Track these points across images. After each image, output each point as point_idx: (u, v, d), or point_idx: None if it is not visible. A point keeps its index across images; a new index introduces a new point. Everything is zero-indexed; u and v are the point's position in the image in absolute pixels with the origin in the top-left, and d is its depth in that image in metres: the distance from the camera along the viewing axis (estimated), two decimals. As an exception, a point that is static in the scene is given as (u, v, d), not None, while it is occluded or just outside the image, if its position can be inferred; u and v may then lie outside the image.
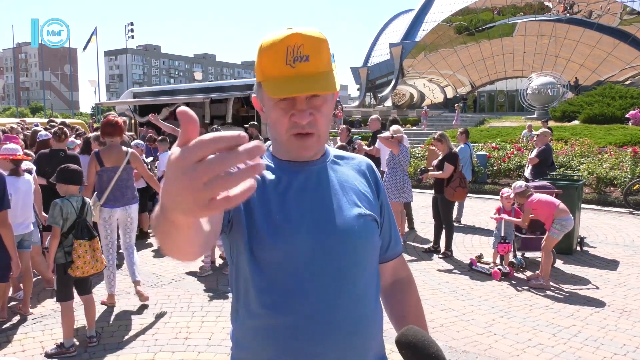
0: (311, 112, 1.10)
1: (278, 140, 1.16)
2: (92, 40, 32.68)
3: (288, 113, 1.10)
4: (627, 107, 21.93)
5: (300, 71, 1.06)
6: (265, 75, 1.10)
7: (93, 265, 3.66)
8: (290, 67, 1.06)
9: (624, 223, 8.54)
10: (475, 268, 5.81)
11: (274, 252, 1.10)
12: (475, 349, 3.83)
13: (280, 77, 1.06)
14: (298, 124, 1.09)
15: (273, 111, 1.11)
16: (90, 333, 3.83)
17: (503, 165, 12.17)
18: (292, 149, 1.14)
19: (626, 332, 4.15)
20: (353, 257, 1.15)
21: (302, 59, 1.06)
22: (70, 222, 3.63)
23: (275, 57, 1.06)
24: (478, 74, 40.09)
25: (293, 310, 1.10)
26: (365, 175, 1.28)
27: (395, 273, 1.37)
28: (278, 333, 1.11)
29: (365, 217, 1.19)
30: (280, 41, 1.06)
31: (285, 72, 1.06)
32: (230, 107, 11.27)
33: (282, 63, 1.06)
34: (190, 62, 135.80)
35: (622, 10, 33.83)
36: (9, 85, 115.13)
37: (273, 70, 1.07)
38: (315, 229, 1.12)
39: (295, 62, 1.06)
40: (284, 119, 1.10)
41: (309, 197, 1.15)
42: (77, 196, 3.76)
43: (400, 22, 47.66)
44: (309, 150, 1.14)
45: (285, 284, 1.11)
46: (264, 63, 1.09)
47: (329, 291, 1.11)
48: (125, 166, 4.53)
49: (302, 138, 1.11)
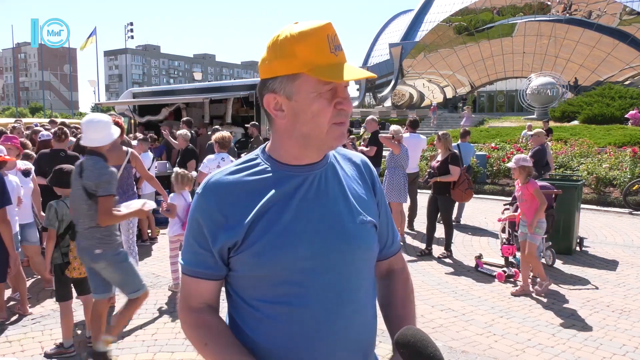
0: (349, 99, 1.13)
1: (314, 134, 1.10)
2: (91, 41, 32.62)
3: (332, 102, 1.09)
4: (626, 107, 21.94)
5: (342, 59, 1.09)
6: (310, 64, 1.06)
7: None
8: (334, 55, 1.08)
9: (624, 223, 8.54)
10: (481, 270, 5.80)
11: (275, 264, 1.08)
12: (475, 349, 3.83)
13: (330, 64, 1.07)
14: (344, 112, 1.11)
15: (316, 102, 1.08)
16: (90, 333, 3.82)
17: (502, 165, 12.17)
18: (330, 139, 1.12)
19: (625, 332, 4.15)
20: (354, 267, 1.14)
21: (339, 48, 1.10)
22: (66, 223, 3.63)
23: (320, 46, 1.06)
24: (478, 74, 40.09)
25: (294, 321, 1.09)
26: (361, 172, 1.27)
27: (390, 266, 1.35)
28: (279, 343, 1.10)
29: (366, 224, 1.17)
30: (319, 30, 1.07)
31: (331, 59, 1.07)
32: (230, 107, 11.28)
33: (327, 51, 1.07)
34: (190, 62, 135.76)
35: (622, 11, 33.84)
36: (8, 85, 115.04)
37: (319, 58, 1.06)
38: (316, 239, 1.10)
39: (336, 50, 1.08)
40: (329, 109, 1.09)
41: (311, 206, 1.13)
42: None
43: (400, 22, 47.67)
44: (344, 138, 1.14)
45: (286, 296, 1.09)
46: (306, 52, 1.06)
47: (332, 301, 1.10)
48: (125, 165, 4.59)
49: (341, 126, 1.12)
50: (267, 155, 1.17)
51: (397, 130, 7.05)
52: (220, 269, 1.13)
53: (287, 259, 1.08)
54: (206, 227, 1.11)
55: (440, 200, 6.47)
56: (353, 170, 1.26)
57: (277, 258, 1.08)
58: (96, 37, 32.91)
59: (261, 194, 1.11)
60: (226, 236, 1.09)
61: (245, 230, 1.09)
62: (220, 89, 12.08)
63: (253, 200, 1.11)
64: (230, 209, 1.10)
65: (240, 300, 1.15)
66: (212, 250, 1.11)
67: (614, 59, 33.78)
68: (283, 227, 1.09)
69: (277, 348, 1.10)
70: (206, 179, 1.16)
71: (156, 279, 5.47)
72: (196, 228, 1.13)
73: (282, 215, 1.10)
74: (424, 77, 41.78)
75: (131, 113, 13.10)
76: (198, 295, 1.14)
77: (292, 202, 1.12)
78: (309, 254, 1.09)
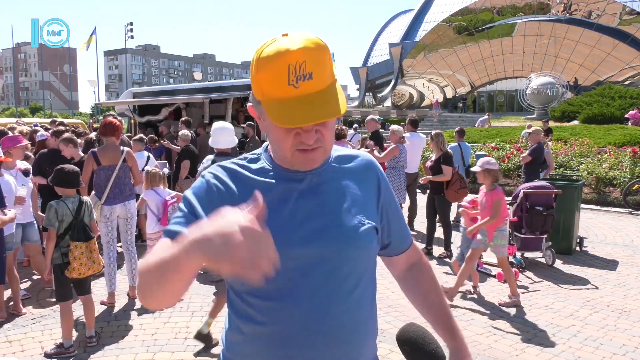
0: (317, 129, 1.05)
1: (280, 155, 1.11)
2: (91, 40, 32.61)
3: (292, 132, 1.04)
4: (626, 107, 21.95)
5: (305, 91, 0.99)
6: (265, 96, 1.03)
7: (90, 267, 3.65)
8: (293, 87, 0.98)
9: (624, 223, 8.54)
10: (481, 269, 5.80)
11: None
12: (475, 348, 3.83)
13: (283, 99, 0.99)
14: (304, 143, 1.05)
15: (275, 130, 1.06)
16: (90, 333, 3.82)
17: (502, 165, 12.17)
18: (297, 162, 1.09)
19: (625, 332, 4.15)
20: (349, 267, 1.14)
21: (306, 77, 0.98)
22: (66, 224, 3.64)
23: (276, 77, 0.99)
24: (477, 74, 40.12)
25: (285, 318, 1.09)
26: (365, 174, 1.25)
27: (409, 260, 1.37)
28: (270, 340, 1.10)
29: (364, 225, 1.16)
30: (279, 59, 0.98)
31: (288, 93, 0.99)
32: (230, 107, 11.26)
33: (284, 84, 0.98)
34: (190, 62, 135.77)
35: (622, 11, 33.85)
36: (8, 85, 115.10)
37: (274, 91, 1.00)
38: (312, 239, 1.10)
39: (298, 81, 0.98)
40: (288, 138, 1.05)
41: (307, 206, 1.13)
42: (74, 197, 3.75)
43: (399, 22, 47.68)
44: (316, 162, 1.10)
45: (278, 293, 1.09)
46: (263, 82, 1.02)
47: (323, 300, 1.10)
48: (121, 164, 4.65)
49: (307, 153, 1.07)
50: (267, 154, 1.19)
51: (399, 130, 7.08)
52: None
53: (280, 256, 1.07)
54: (201, 199, 1.10)
55: (437, 200, 6.46)
56: (356, 172, 1.24)
57: None
58: (96, 37, 32.89)
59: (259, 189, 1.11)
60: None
61: None
62: (220, 88, 12.07)
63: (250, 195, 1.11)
64: (229, 196, 1.11)
65: (235, 295, 1.16)
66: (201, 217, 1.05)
67: (613, 58, 33.80)
68: (278, 223, 1.09)
69: (267, 344, 1.11)
70: (213, 165, 1.19)
71: (156, 279, 5.46)
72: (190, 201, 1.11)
73: (278, 212, 1.10)
74: (424, 77, 41.82)
75: (131, 113, 13.09)
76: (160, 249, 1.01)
77: (289, 199, 1.12)
78: (303, 251, 1.09)
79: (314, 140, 1.05)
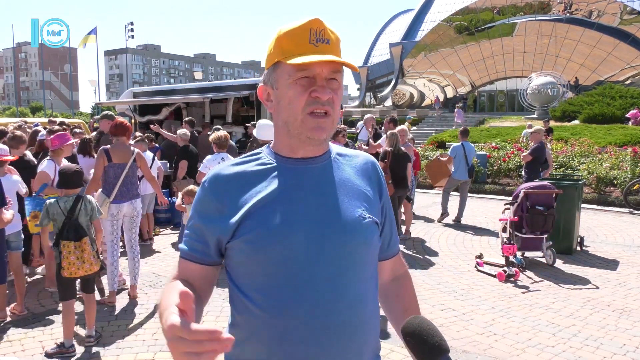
0: (330, 89, 1.11)
1: (291, 121, 1.13)
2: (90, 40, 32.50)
3: (307, 90, 1.09)
4: (627, 106, 21.91)
5: (322, 50, 1.09)
6: (286, 53, 1.09)
7: (79, 267, 3.60)
8: (313, 46, 1.09)
9: (624, 223, 8.54)
10: (482, 269, 5.80)
11: (270, 253, 1.09)
12: (475, 348, 3.83)
13: (304, 53, 1.07)
14: (318, 100, 1.09)
15: (291, 89, 1.10)
16: (89, 332, 3.82)
17: (503, 165, 12.18)
18: (306, 129, 1.11)
19: (626, 331, 4.15)
20: (351, 260, 1.14)
21: (324, 41, 1.10)
22: (60, 223, 3.66)
23: (299, 37, 1.09)
24: (478, 73, 40.07)
25: (287, 313, 1.09)
26: (367, 174, 1.26)
27: (394, 271, 1.37)
28: (271, 335, 1.10)
29: (366, 219, 1.17)
30: (302, 24, 1.10)
31: (309, 50, 1.08)
32: (230, 106, 11.27)
33: (305, 42, 1.09)
34: (190, 62, 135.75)
35: (622, 10, 33.81)
36: (9, 85, 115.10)
37: (296, 48, 1.09)
38: (314, 230, 1.10)
39: (318, 42, 1.09)
40: (303, 96, 1.09)
41: (309, 198, 1.13)
42: (69, 197, 3.76)
43: (400, 22, 47.64)
44: (324, 131, 1.12)
45: (280, 287, 1.09)
46: (285, 44, 1.10)
47: (325, 295, 1.10)
48: (131, 164, 4.76)
49: (318, 117, 1.10)
50: (269, 150, 1.22)
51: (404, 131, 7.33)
52: (205, 254, 1.17)
53: (281, 248, 1.09)
54: (202, 216, 1.16)
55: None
56: (359, 169, 1.25)
57: (271, 246, 1.08)
58: (96, 37, 32.82)
59: (259, 184, 1.14)
60: (222, 223, 1.12)
61: (242, 218, 1.11)
62: (221, 88, 12.08)
63: (251, 189, 1.14)
64: (227, 197, 1.14)
65: (237, 291, 1.16)
66: (205, 236, 1.16)
67: (614, 58, 33.76)
68: (279, 216, 1.10)
69: (269, 340, 1.11)
70: (210, 171, 1.22)
71: (157, 279, 5.47)
72: (194, 217, 1.19)
73: (279, 205, 1.11)
74: (425, 76, 41.78)
75: (132, 113, 13.09)
76: (182, 274, 1.20)
77: (290, 192, 1.13)
78: (305, 244, 1.09)
79: (327, 98, 1.10)
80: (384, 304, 1.35)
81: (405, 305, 1.32)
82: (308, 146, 1.16)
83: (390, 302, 1.35)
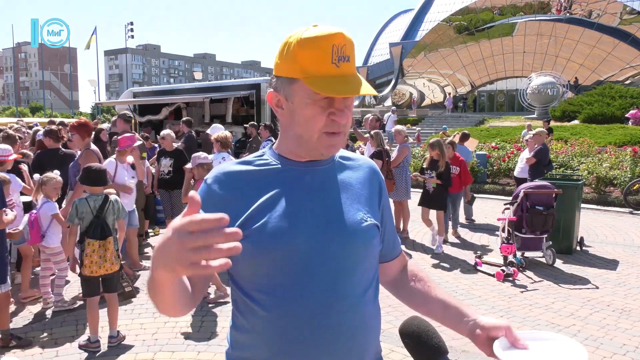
0: (348, 112, 1.12)
1: (305, 137, 1.13)
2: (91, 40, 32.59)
3: (326, 111, 1.09)
4: (627, 106, 21.90)
5: (344, 71, 1.07)
6: (307, 72, 1.07)
7: (101, 265, 3.65)
8: (335, 66, 1.07)
9: (624, 223, 8.54)
10: (481, 269, 5.80)
11: (273, 253, 1.09)
12: (475, 348, 3.80)
13: (327, 75, 1.06)
14: (336, 123, 1.10)
15: (308, 108, 1.10)
16: (111, 332, 3.82)
17: (503, 165, 12.17)
18: (320, 147, 1.13)
19: (626, 331, 4.15)
20: (352, 262, 1.15)
21: (345, 59, 1.08)
22: (87, 221, 3.68)
23: (321, 55, 1.06)
24: (478, 73, 40.06)
25: (289, 313, 1.10)
26: (369, 179, 1.27)
27: (401, 264, 1.39)
28: (273, 335, 1.11)
29: (367, 222, 1.18)
30: (325, 39, 1.06)
31: (331, 71, 1.06)
32: (230, 106, 11.29)
33: (328, 62, 1.06)
34: (190, 62, 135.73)
35: (622, 10, 33.81)
36: (8, 85, 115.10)
37: (318, 68, 1.06)
38: (316, 232, 1.11)
39: (340, 61, 1.07)
40: (321, 117, 1.10)
41: (312, 199, 1.14)
42: (97, 195, 3.78)
43: (400, 22, 47.67)
44: (337, 148, 1.15)
45: (282, 287, 1.10)
46: (306, 60, 1.07)
47: (327, 295, 1.10)
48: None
49: (333, 137, 1.12)
50: (273, 151, 1.22)
51: (403, 130, 7.40)
52: None
53: (284, 249, 1.09)
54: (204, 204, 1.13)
55: None
56: (361, 174, 1.27)
57: (274, 247, 1.09)
58: (96, 37, 32.87)
59: (263, 184, 1.15)
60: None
61: (245, 218, 1.11)
62: (221, 88, 12.11)
63: (255, 190, 1.14)
64: (231, 196, 1.14)
65: (239, 292, 1.16)
66: None
67: (614, 58, 33.75)
68: (282, 217, 1.11)
69: (271, 340, 1.11)
70: (214, 168, 1.22)
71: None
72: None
73: (282, 206, 1.12)
74: (424, 76, 41.76)
75: (131, 113, 13.11)
76: None
77: (293, 193, 1.14)
78: (307, 245, 1.10)
79: (345, 121, 1.11)
80: (403, 293, 1.34)
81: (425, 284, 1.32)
82: (314, 157, 1.18)
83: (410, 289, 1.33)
